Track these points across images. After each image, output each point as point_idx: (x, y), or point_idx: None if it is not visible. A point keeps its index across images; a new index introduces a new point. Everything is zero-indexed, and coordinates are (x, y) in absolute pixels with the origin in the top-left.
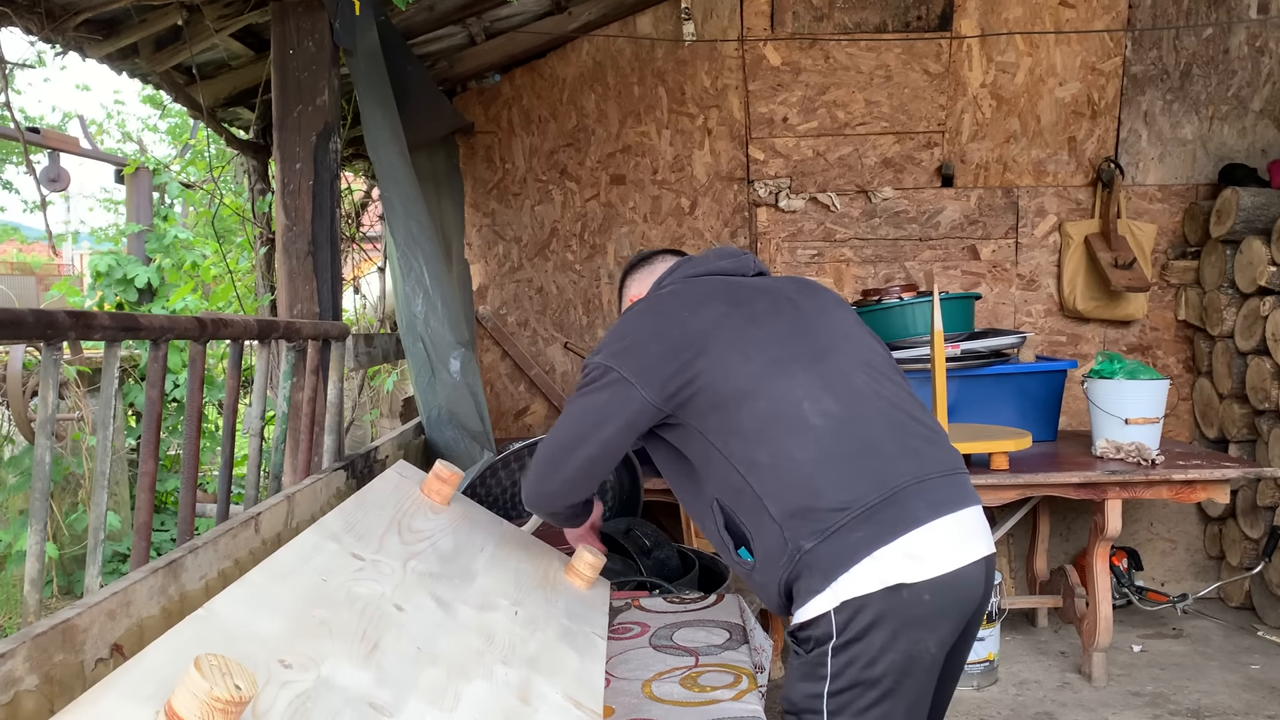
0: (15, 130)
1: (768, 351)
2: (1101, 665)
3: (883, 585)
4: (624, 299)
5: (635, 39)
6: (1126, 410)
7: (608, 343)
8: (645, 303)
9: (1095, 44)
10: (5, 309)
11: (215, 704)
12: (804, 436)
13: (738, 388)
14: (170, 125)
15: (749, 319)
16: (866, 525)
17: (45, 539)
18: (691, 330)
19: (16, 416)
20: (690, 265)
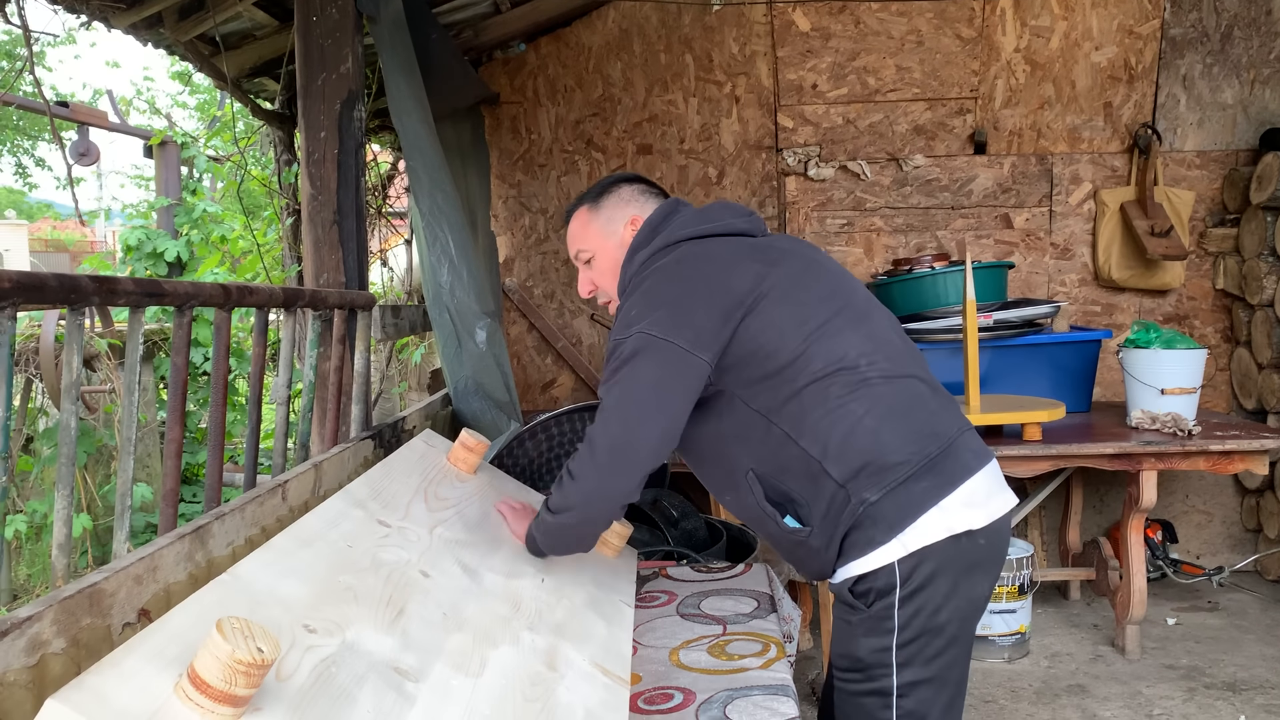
0: (44, 104)
1: (816, 311)
2: (1135, 638)
3: (949, 533)
4: (588, 227)
5: (662, 5)
6: (1162, 380)
7: (642, 311)
8: (670, 264)
9: (1133, 6)
10: (29, 272)
11: (238, 666)
12: (863, 393)
13: (792, 350)
14: (199, 101)
15: (791, 280)
16: (929, 476)
17: (72, 504)
18: (737, 291)
19: (50, 388)
20: (703, 220)
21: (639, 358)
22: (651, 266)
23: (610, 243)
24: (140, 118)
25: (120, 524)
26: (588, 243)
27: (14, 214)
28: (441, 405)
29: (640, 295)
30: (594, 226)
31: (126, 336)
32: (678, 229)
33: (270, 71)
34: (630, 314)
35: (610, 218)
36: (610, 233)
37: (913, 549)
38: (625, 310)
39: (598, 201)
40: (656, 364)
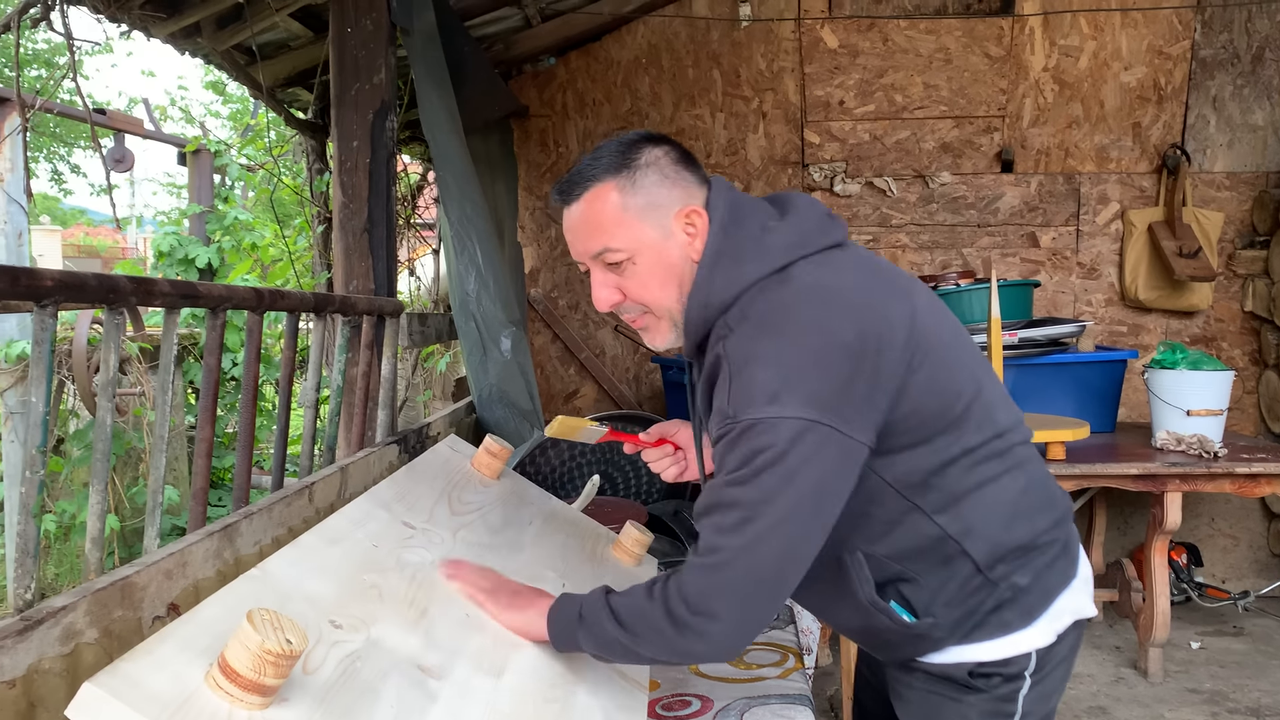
0: (83, 110)
1: (964, 362)
2: (1158, 661)
3: (1074, 618)
4: (622, 214)
5: (691, 20)
6: (1188, 401)
7: (784, 378)
8: (804, 304)
9: (1163, 27)
10: (69, 272)
11: (267, 656)
12: (1011, 462)
13: (951, 414)
14: (231, 111)
15: (933, 318)
16: (1064, 553)
17: (106, 499)
18: (897, 343)
19: (81, 390)
20: (803, 229)
21: (796, 452)
22: (767, 303)
23: (660, 242)
24: (174, 126)
25: (151, 520)
26: (620, 238)
27: (48, 219)
28: (466, 413)
29: (771, 351)
30: (630, 214)
31: (161, 337)
32: (776, 243)
33: (304, 82)
34: (761, 381)
35: (653, 203)
36: (658, 226)
37: (1052, 639)
38: (748, 373)
39: (633, 176)
40: (822, 460)
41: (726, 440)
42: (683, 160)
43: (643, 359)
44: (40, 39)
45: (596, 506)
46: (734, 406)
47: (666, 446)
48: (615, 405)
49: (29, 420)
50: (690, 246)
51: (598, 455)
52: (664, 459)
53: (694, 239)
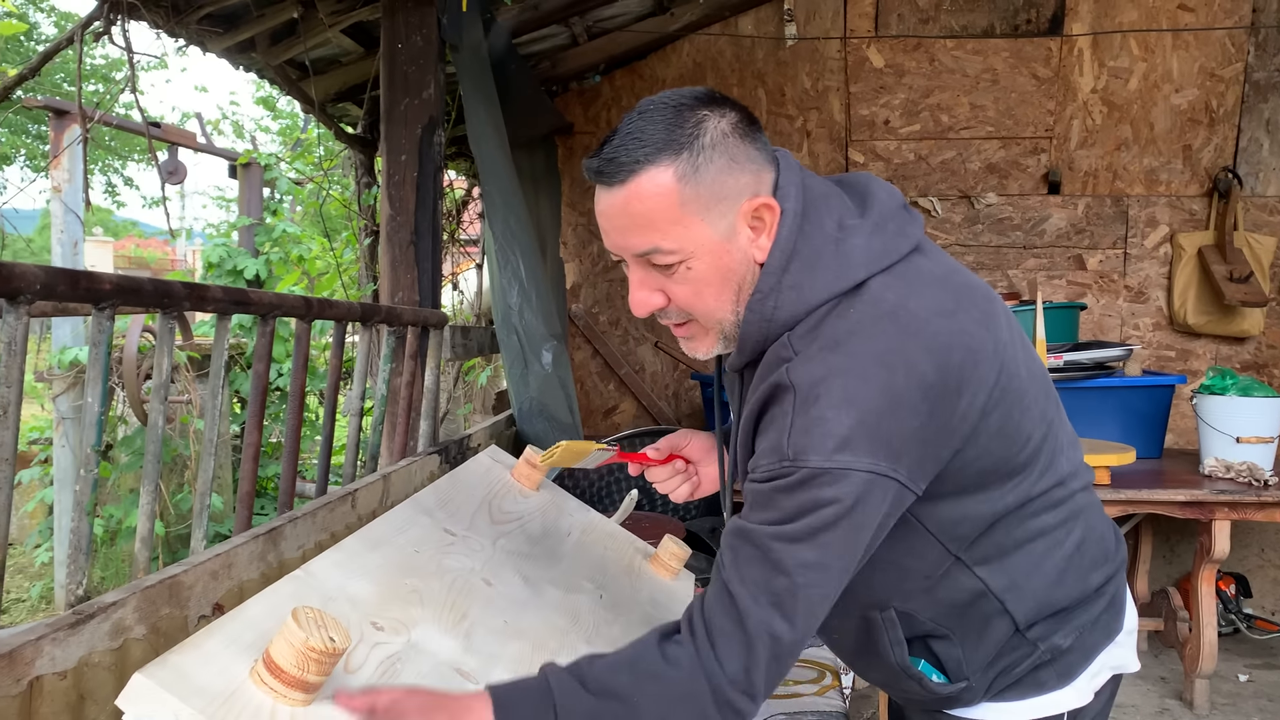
0: (139, 123)
1: (1035, 397)
2: (1204, 693)
3: (1112, 673)
4: (682, 208)
5: (736, 39)
6: (1238, 428)
7: (865, 424)
8: (880, 328)
9: (1215, 49)
10: (127, 276)
11: (310, 654)
12: (1068, 513)
13: (1015, 461)
14: (281, 126)
15: (1013, 349)
16: (1111, 608)
17: (156, 500)
18: (976, 382)
19: (131, 398)
20: (880, 235)
21: (862, 509)
22: (842, 327)
23: (722, 243)
24: (225, 141)
25: (199, 522)
26: (674, 237)
27: (101, 231)
28: (506, 425)
29: (844, 388)
30: (689, 210)
31: (213, 342)
32: (857, 252)
33: (354, 97)
34: (831, 422)
35: (718, 195)
36: (721, 223)
37: (1088, 699)
38: (816, 410)
39: (695, 160)
40: (880, 513)
41: (781, 484)
42: (749, 130)
43: (682, 375)
44: (98, 55)
45: (634, 521)
46: (794, 448)
47: (676, 463)
48: (654, 421)
49: (84, 420)
50: (754, 244)
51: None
52: (672, 478)
53: (760, 234)
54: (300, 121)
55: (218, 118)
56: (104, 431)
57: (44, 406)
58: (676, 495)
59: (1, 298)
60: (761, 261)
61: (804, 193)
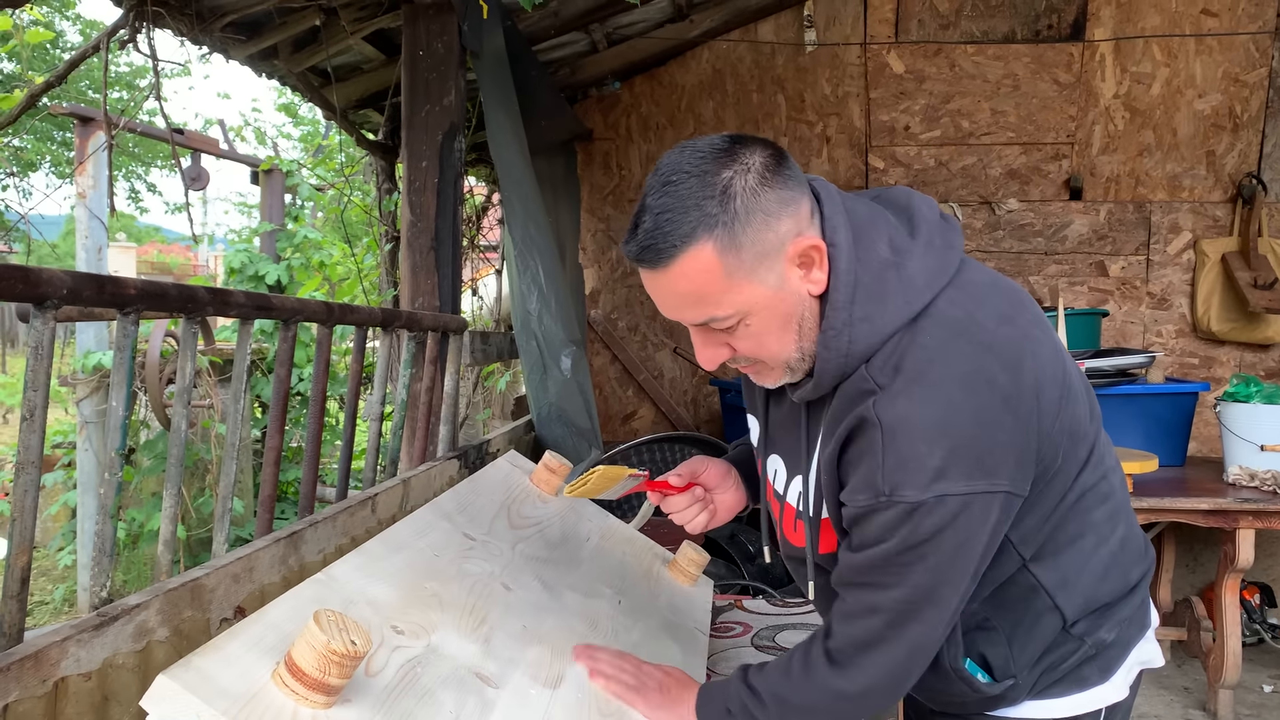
0: (163, 129)
1: (1083, 393)
2: (1228, 704)
3: (1144, 667)
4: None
5: (756, 45)
6: (1263, 436)
7: (956, 451)
8: (954, 349)
9: (1239, 54)
10: (151, 281)
11: (332, 656)
12: (1113, 509)
13: (1078, 455)
14: (303, 133)
15: (1063, 348)
16: (1143, 605)
17: (179, 503)
18: (1047, 382)
19: (153, 402)
20: (930, 251)
21: (963, 525)
22: (919, 354)
23: (775, 294)
24: (247, 148)
25: (220, 526)
26: (727, 305)
27: (124, 236)
28: (525, 431)
29: (931, 417)
30: (738, 277)
31: (235, 347)
32: (917, 273)
33: (375, 103)
34: (923, 456)
35: (762, 253)
36: (770, 277)
37: (1125, 694)
38: (906, 445)
39: (731, 228)
40: (987, 522)
41: (880, 519)
42: (777, 170)
43: (701, 382)
44: (122, 62)
45: (653, 527)
46: (889, 483)
47: (695, 490)
48: (672, 427)
49: (109, 423)
50: (807, 280)
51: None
52: (689, 507)
53: (810, 269)
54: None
55: (240, 124)
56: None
57: (68, 411)
58: (693, 526)
59: (29, 302)
60: (817, 294)
61: (850, 218)
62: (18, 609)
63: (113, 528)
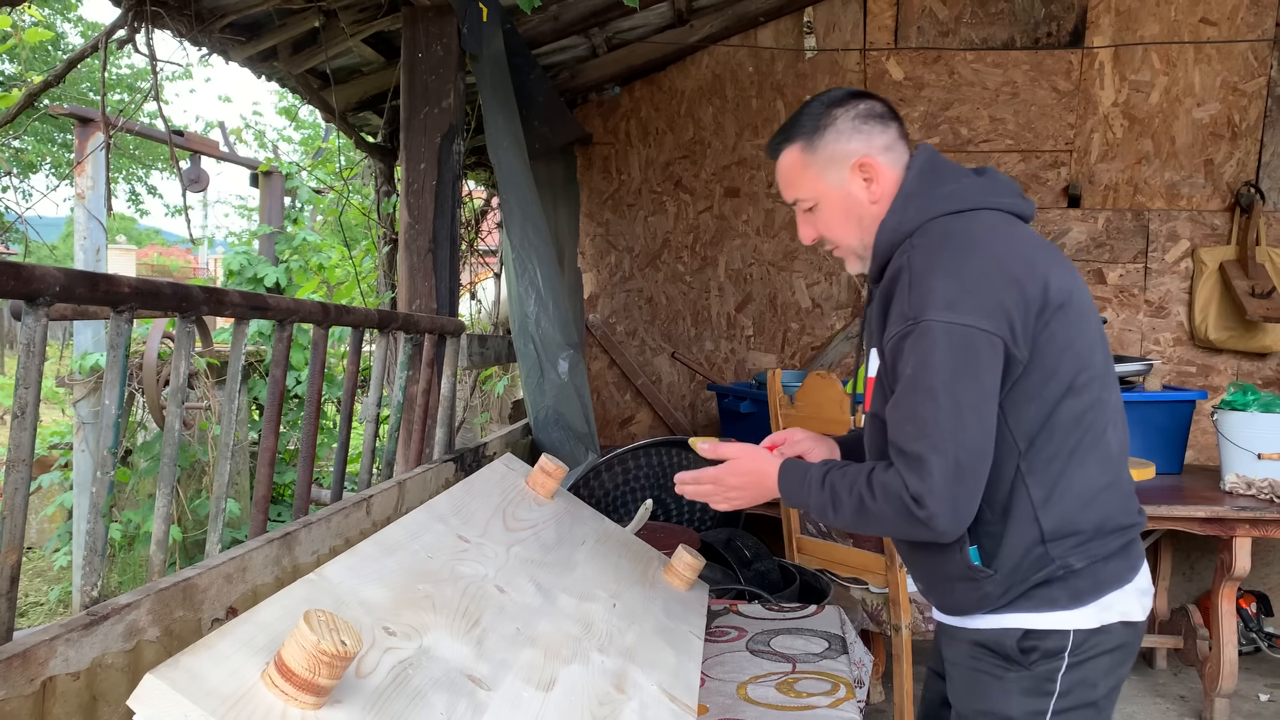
0: (163, 131)
1: (1100, 347)
2: (1224, 712)
3: (1122, 619)
4: (830, 151)
5: (756, 51)
6: (1260, 444)
7: (966, 290)
8: (972, 233)
9: (1238, 63)
10: (146, 280)
11: (322, 656)
12: (1103, 451)
13: (1073, 374)
14: (303, 136)
15: (1083, 295)
16: (1124, 556)
17: (172, 503)
18: (1050, 292)
19: (150, 403)
20: (995, 191)
21: (968, 352)
22: (951, 228)
23: (835, 191)
24: (248, 151)
25: (214, 526)
26: (804, 189)
27: (124, 239)
28: (522, 434)
29: (951, 265)
30: (811, 172)
31: (230, 348)
32: (970, 191)
33: (374, 106)
34: (940, 289)
35: (831, 159)
36: (834, 179)
37: (1093, 625)
38: (928, 281)
39: (813, 141)
40: (987, 361)
41: (909, 338)
42: (866, 116)
43: (699, 386)
44: (124, 64)
45: (649, 531)
46: (915, 309)
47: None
48: (670, 431)
49: (102, 422)
50: (867, 191)
51: (652, 480)
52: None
53: (870, 184)
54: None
55: (240, 127)
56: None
57: (65, 412)
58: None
59: (21, 299)
60: (873, 202)
61: (931, 159)
62: (6, 607)
63: (104, 527)
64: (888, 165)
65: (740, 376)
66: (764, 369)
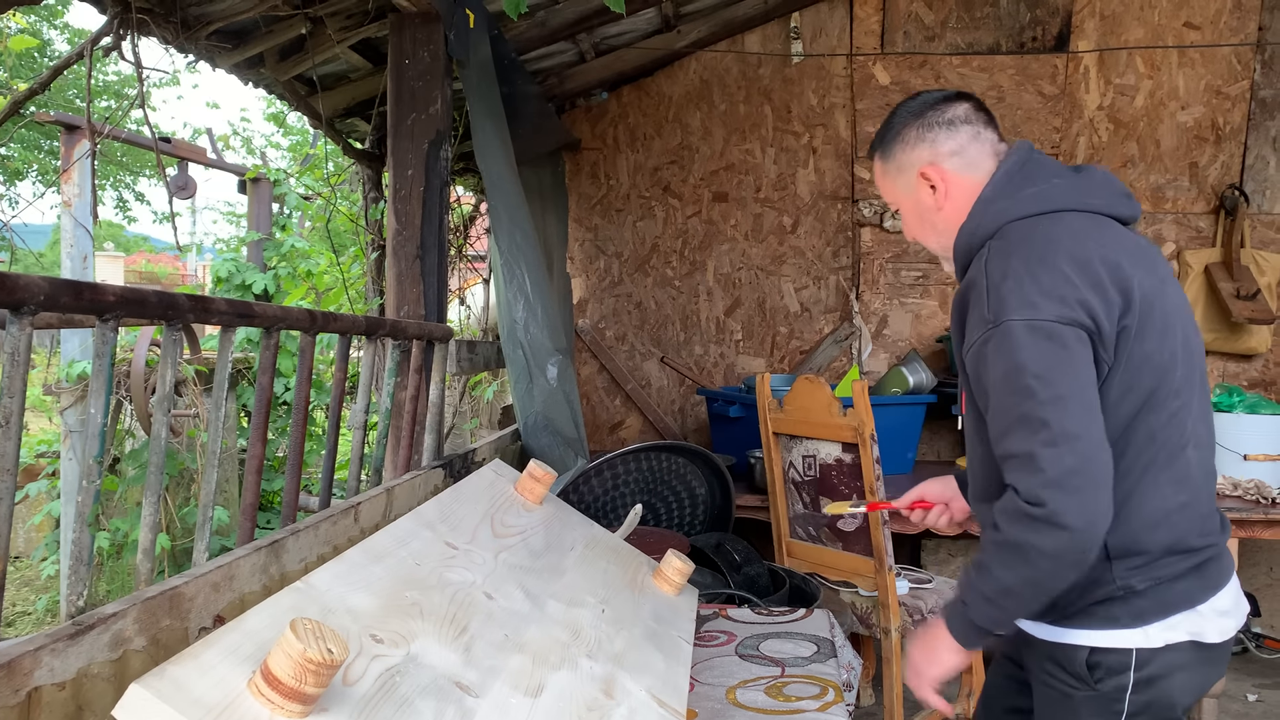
0: (150, 138)
1: (1184, 362)
2: (1212, 712)
3: (1192, 638)
4: (900, 161)
5: (743, 56)
6: (1245, 445)
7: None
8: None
9: (1221, 67)
10: (131, 288)
11: (308, 665)
12: (1179, 468)
13: (1151, 388)
14: (292, 143)
15: (1177, 305)
16: (1196, 577)
17: (159, 512)
18: (1130, 296)
19: (138, 411)
20: (1088, 192)
21: (1063, 343)
22: (1029, 230)
23: (908, 198)
24: (236, 157)
25: (201, 534)
26: (887, 195)
27: (112, 246)
28: (511, 440)
29: (1026, 266)
30: (887, 180)
31: (217, 356)
32: (1057, 192)
33: (362, 112)
34: (1018, 291)
35: (901, 167)
36: (904, 186)
37: (1157, 645)
38: (1006, 285)
39: (887, 150)
40: (1076, 350)
41: (990, 343)
42: (939, 124)
43: (688, 391)
44: (111, 71)
45: (638, 536)
46: (993, 313)
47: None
48: (659, 436)
49: (87, 431)
50: (933, 197)
51: (641, 485)
52: (940, 518)
53: (936, 191)
54: (310, 137)
55: (229, 133)
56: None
57: (52, 420)
58: (940, 525)
59: (5, 308)
60: (940, 208)
61: (1021, 159)
62: None
63: (90, 536)
64: (955, 170)
65: (729, 381)
66: (753, 373)
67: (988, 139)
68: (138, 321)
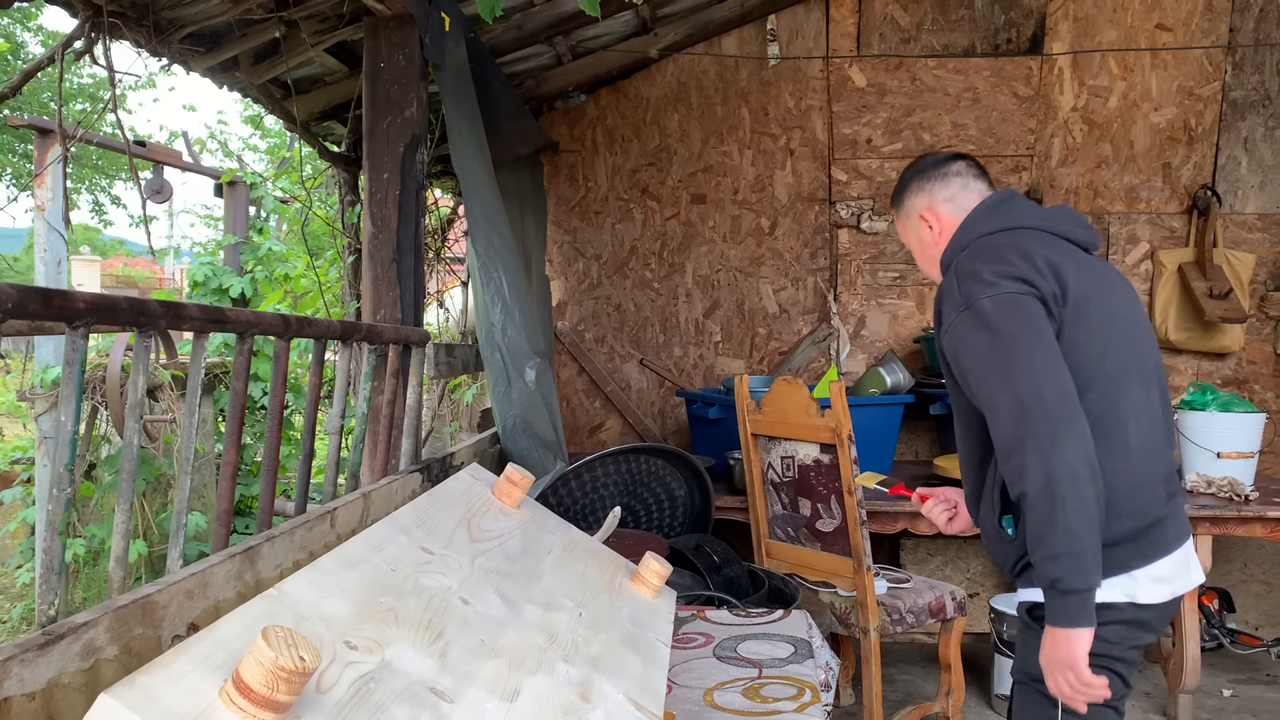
0: (123, 142)
1: (1114, 353)
2: (1188, 708)
3: (1127, 599)
4: (907, 207)
5: (720, 59)
6: (1219, 444)
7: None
8: (1006, 239)
9: (1193, 68)
10: (101, 294)
11: (280, 672)
12: (1115, 446)
13: (1080, 378)
14: (269, 145)
15: (1112, 311)
16: (1131, 544)
17: (131, 519)
18: (1070, 292)
19: (114, 416)
20: (1047, 218)
21: (1018, 309)
22: (992, 240)
23: (914, 236)
24: (213, 160)
25: (175, 540)
26: (902, 237)
27: (88, 250)
28: (490, 443)
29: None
30: (900, 224)
31: (190, 361)
32: (1020, 214)
33: (338, 115)
34: (980, 275)
35: (908, 213)
36: (911, 228)
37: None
38: (970, 275)
39: (898, 201)
40: (1035, 312)
41: (966, 321)
42: (932, 176)
43: (668, 393)
44: (86, 74)
45: (617, 538)
46: (964, 296)
47: (946, 500)
48: (639, 438)
49: (58, 438)
50: (930, 234)
51: (620, 487)
52: (936, 507)
53: (933, 229)
54: (287, 140)
55: (205, 136)
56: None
57: (26, 426)
58: (939, 519)
59: None
60: (935, 242)
61: (1004, 197)
62: None
63: (61, 545)
64: (948, 213)
65: (709, 382)
66: (732, 374)
67: (976, 188)
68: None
